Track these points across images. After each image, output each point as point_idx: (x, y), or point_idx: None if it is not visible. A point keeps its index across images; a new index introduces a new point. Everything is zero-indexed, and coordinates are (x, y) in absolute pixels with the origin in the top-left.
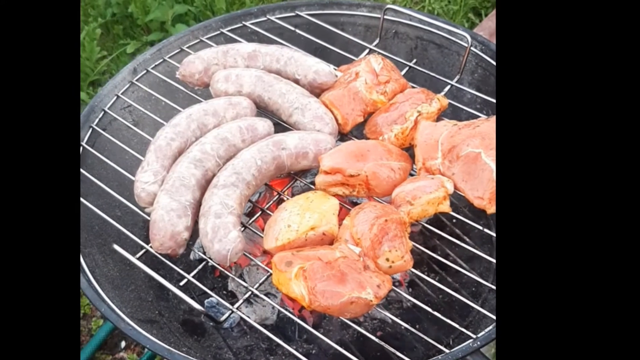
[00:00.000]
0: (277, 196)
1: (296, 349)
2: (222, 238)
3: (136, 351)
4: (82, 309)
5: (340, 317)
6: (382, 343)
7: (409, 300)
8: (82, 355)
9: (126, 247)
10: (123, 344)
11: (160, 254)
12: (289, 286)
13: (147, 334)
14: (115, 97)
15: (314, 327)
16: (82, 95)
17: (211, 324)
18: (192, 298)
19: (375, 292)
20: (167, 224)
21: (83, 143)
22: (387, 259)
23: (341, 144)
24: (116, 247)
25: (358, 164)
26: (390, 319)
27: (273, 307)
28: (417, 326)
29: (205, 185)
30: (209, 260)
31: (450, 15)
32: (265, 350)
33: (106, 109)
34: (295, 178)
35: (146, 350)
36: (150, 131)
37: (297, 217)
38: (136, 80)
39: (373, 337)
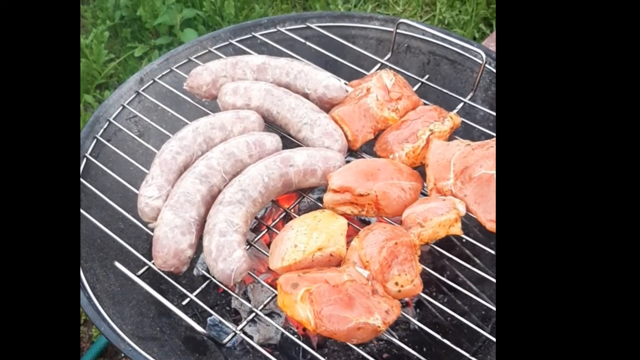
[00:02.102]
0: (284, 213)
1: None
2: (226, 257)
3: None
4: (83, 315)
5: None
6: None
7: (416, 324)
8: None
9: (128, 261)
10: None
11: (163, 271)
12: (294, 309)
13: (147, 355)
14: (121, 107)
15: (318, 347)
16: (89, 98)
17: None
18: (195, 315)
19: (384, 317)
20: (170, 242)
21: (87, 154)
22: (397, 283)
23: (351, 162)
24: (117, 264)
25: (368, 183)
26: (397, 343)
27: (277, 328)
28: (425, 349)
29: (210, 201)
30: (212, 278)
31: (461, 25)
32: None
33: (111, 119)
34: (302, 195)
35: None
36: (156, 143)
37: (304, 236)
38: (142, 90)
39: None
